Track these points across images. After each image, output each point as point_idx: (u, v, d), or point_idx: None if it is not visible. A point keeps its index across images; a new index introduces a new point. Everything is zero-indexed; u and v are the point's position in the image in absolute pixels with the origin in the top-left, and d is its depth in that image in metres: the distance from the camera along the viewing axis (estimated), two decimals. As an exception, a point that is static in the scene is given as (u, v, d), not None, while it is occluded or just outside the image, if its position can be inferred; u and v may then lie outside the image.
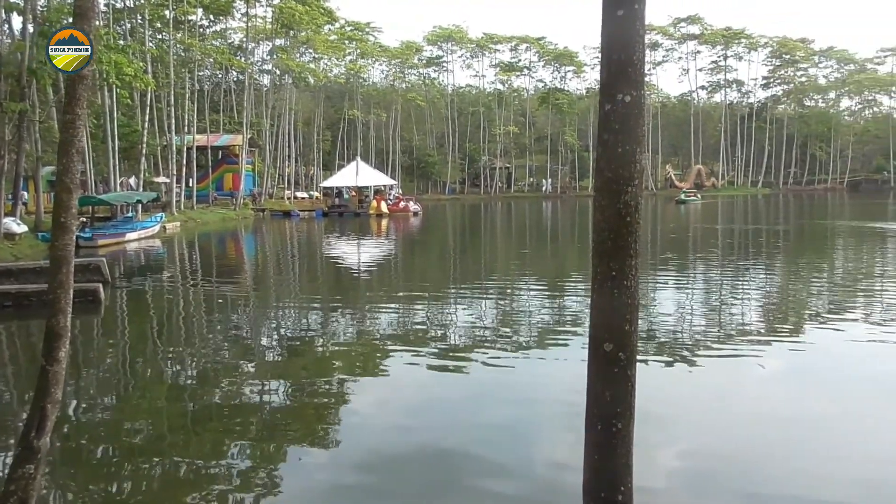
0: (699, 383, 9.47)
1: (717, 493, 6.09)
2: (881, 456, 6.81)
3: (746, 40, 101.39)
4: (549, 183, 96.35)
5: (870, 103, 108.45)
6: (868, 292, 16.97)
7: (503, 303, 16.20)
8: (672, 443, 7.16)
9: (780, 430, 7.52)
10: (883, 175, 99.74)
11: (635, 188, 4.04)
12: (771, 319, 13.80)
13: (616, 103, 4.02)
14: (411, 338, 12.40)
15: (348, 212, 54.21)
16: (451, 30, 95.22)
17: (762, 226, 41.76)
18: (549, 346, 11.43)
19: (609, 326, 4.09)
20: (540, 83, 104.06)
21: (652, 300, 15.78)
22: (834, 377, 9.60)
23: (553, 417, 7.93)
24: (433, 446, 7.16)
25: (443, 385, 9.51)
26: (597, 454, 4.15)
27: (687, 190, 78.90)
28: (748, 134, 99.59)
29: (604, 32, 4.07)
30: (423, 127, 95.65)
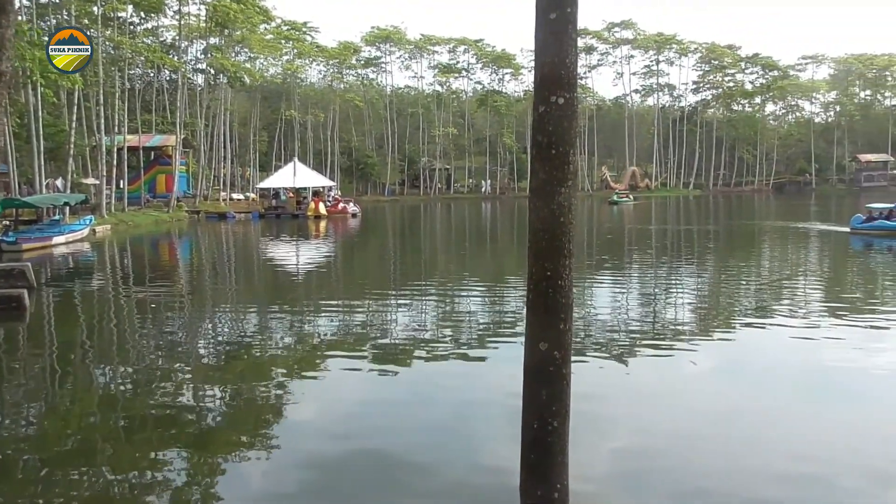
0: (633, 381, 9.67)
1: (652, 489, 6.22)
2: (807, 450, 7.05)
3: (677, 46, 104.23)
4: (488, 184, 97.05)
5: (792, 108, 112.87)
6: (792, 290, 17.66)
7: (442, 304, 16.24)
8: (607, 440, 7.30)
9: (711, 426, 7.75)
10: (805, 177, 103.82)
11: (569, 189, 4.11)
12: (702, 318, 14.22)
13: (550, 105, 4.08)
14: (351, 340, 12.32)
15: (286, 213, 53.45)
16: (389, 30, 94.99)
17: (693, 226, 42.98)
18: (488, 347, 11.52)
19: (544, 326, 4.14)
20: (478, 85, 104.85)
21: (587, 300, 16.07)
22: (762, 373, 9.93)
23: (492, 417, 7.99)
24: (373, 449, 7.12)
25: (383, 387, 9.47)
26: (533, 453, 4.20)
27: (619, 191, 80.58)
28: (680, 137, 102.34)
29: (537, 36, 4.13)
30: (361, 128, 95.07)
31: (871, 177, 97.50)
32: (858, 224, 30.37)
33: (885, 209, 30.26)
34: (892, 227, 28.44)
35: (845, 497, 6.00)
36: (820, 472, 6.49)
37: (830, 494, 6.04)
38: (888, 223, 28.87)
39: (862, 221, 30.36)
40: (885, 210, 30.10)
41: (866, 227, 29.74)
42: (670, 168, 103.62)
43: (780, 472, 6.48)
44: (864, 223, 30.15)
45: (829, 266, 22.94)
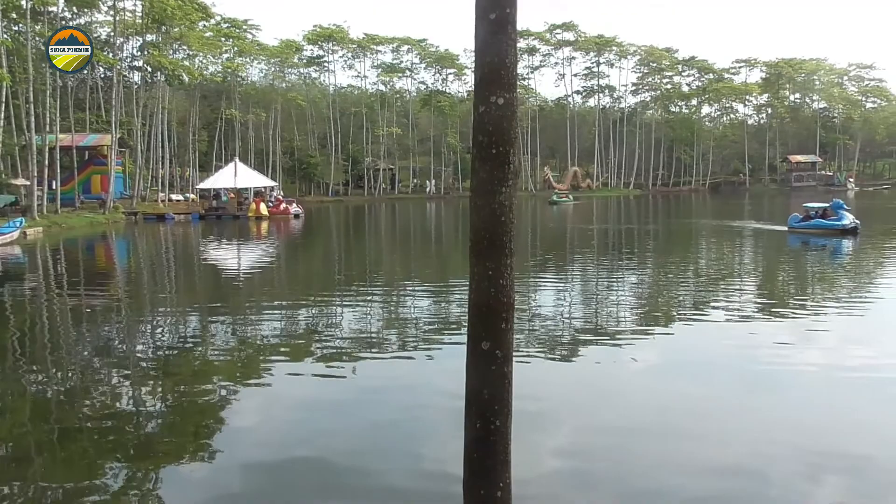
0: (576, 378, 9.81)
1: (595, 485, 6.32)
2: (745, 443, 7.24)
3: (617, 48, 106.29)
4: (432, 184, 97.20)
5: (727, 110, 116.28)
6: (730, 287, 18.20)
7: (387, 306, 16.20)
8: (551, 437, 7.39)
9: (652, 422, 7.90)
10: (739, 177, 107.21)
11: (510, 189, 4.14)
12: (642, 315, 14.52)
13: (490, 105, 4.10)
14: (294, 343, 12.17)
15: (227, 214, 52.52)
16: (332, 29, 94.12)
17: (633, 226, 43.88)
18: (432, 347, 11.52)
19: (486, 325, 4.16)
20: (422, 85, 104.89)
21: (531, 299, 16.24)
22: (701, 369, 10.18)
23: (437, 417, 8.00)
24: (317, 453, 7.05)
25: (327, 390, 9.38)
26: (475, 451, 4.22)
27: (559, 191, 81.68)
28: (620, 137, 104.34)
29: (477, 36, 4.14)
30: (304, 127, 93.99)
31: (801, 177, 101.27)
32: (796, 223, 31.31)
33: (820, 208, 31.34)
34: (827, 226, 29.48)
35: (781, 488, 6.20)
36: (757, 464, 6.67)
37: (766, 486, 6.22)
38: (824, 222, 29.91)
39: (799, 220, 31.28)
40: (819, 209, 31.20)
41: (803, 225, 30.73)
42: (611, 168, 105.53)
43: (720, 465, 6.65)
44: (800, 222, 31.10)
45: (766, 264, 23.70)
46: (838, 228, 28.95)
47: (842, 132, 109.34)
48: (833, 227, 29.20)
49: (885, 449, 7.06)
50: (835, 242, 27.12)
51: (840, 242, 27.08)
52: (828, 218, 30.14)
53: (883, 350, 11.07)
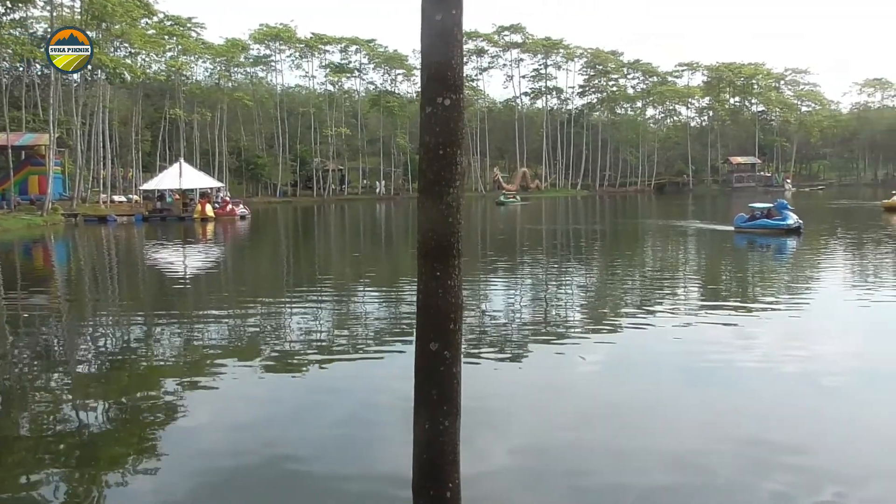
0: (525, 378, 9.87)
1: (545, 483, 6.37)
2: (692, 438, 7.40)
3: (564, 50, 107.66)
4: (382, 185, 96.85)
5: (670, 112, 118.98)
6: (677, 286, 18.61)
7: (336, 307, 16.07)
8: (501, 437, 7.43)
9: (601, 419, 8.02)
10: (683, 178, 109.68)
11: (457, 189, 4.15)
12: (591, 314, 14.73)
13: (436, 106, 4.11)
14: (243, 346, 11.98)
15: (171, 216, 51.41)
16: (279, 28, 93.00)
17: (581, 226, 44.49)
18: (382, 349, 11.48)
19: (434, 326, 4.17)
20: (371, 85, 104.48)
21: (480, 299, 16.32)
22: (647, 366, 10.36)
23: (386, 419, 7.97)
24: (266, 457, 6.94)
25: (277, 393, 9.26)
26: (425, 452, 4.22)
27: (507, 192, 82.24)
28: (568, 139, 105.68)
29: (423, 37, 4.15)
30: (251, 127, 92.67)
31: (742, 178, 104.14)
32: (742, 223, 31.94)
33: (765, 208, 32.17)
34: (772, 226, 30.29)
35: (727, 479, 6.36)
36: (704, 457, 6.82)
37: (714, 478, 6.38)
38: (769, 222, 30.71)
39: (745, 220, 31.91)
40: (764, 209, 32.04)
41: (749, 225, 31.41)
42: (559, 169, 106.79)
43: (669, 460, 6.77)
44: (747, 222, 31.76)
45: (712, 263, 24.24)
46: (783, 228, 29.80)
47: (779, 134, 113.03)
48: (778, 226, 30.03)
49: (824, 439, 7.31)
50: (779, 242, 27.93)
51: (784, 242, 27.90)
52: (772, 218, 30.94)
53: (820, 345, 11.45)
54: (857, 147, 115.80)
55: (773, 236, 29.34)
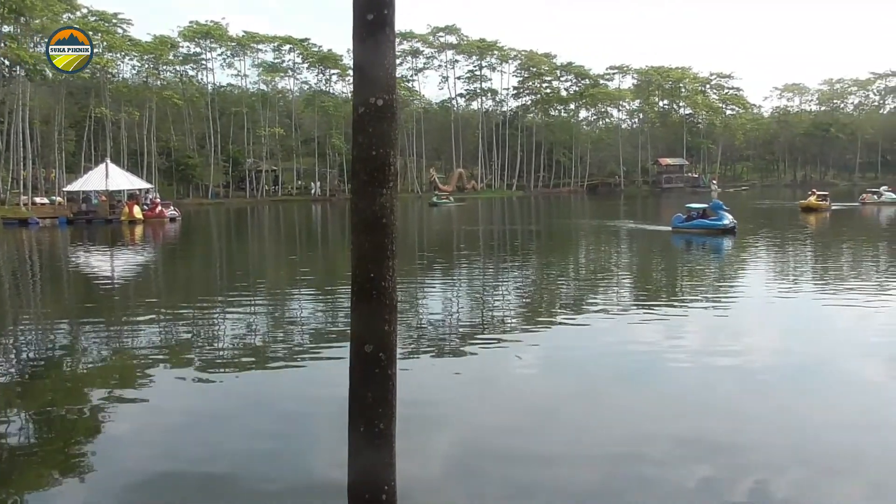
0: (461, 378, 9.91)
1: (483, 483, 6.39)
2: (623, 432, 7.58)
3: (499, 52, 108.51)
4: (317, 186, 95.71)
5: (602, 114, 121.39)
6: (609, 285, 19.00)
7: (270, 310, 15.83)
8: (437, 438, 7.44)
9: (538, 417, 8.12)
10: (615, 179, 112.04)
11: (391, 191, 4.13)
12: (527, 313, 14.91)
13: (369, 107, 4.08)
14: (175, 352, 11.65)
15: (98, 218, 49.66)
16: (209, 26, 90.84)
17: (517, 226, 44.96)
18: (318, 352, 11.36)
19: (369, 328, 4.14)
20: (305, 85, 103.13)
21: (417, 300, 16.32)
22: (582, 364, 10.55)
23: (323, 423, 7.88)
24: (200, 463, 6.78)
25: (212, 399, 9.05)
26: (360, 455, 4.19)
27: (439, 193, 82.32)
28: (503, 140, 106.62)
29: (355, 37, 4.11)
30: (181, 127, 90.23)
31: (671, 179, 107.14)
32: (679, 223, 32.72)
33: (700, 209, 33.10)
34: (709, 226, 31.19)
35: (659, 472, 6.53)
36: (636, 452, 6.99)
37: (646, 471, 6.54)
38: (706, 222, 31.60)
39: (682, 220, 32.69)
40: (700, 209, 32.95)
41: (686, 225, 32.21)
42: (495, 170, 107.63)
43: (603, 455, 6.93)
44: (684, 222, 32.54)
45: (648, 262, 24.81)
46: (719, 228, 30.73)
47: (705, 137, 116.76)
48: (714, 226, 30.95)
49: (748, 431, 7.58)
50: (715, 241, 28.80)
51: (720, 241, 28.80)
52: (708, 218, 31.84)
53: (746, 341, 11.87)
54: (778, 149, 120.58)
55: (709, 236, 30.22)
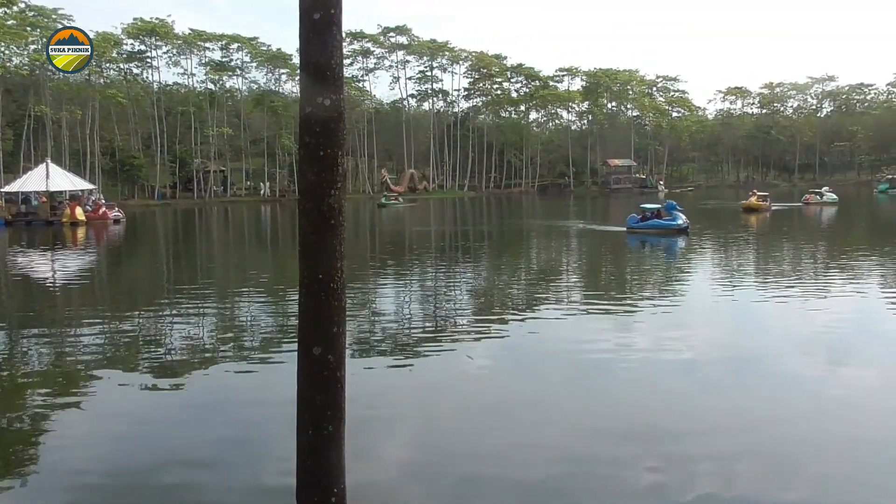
0: (413, 380, 9.91)
1: (434, 485, 6.39)
2: (574, 429, 7.68)
3: (449, 53, 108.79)
4: (267, 187, 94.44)
5: (552, 116, 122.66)
6: (559, 285, 19.19)
7: (219, 314, 15.56)
8: (388, 441, 7.41)
9: (490, 417, 8.15)
10: (565, 180, 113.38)
11: (339, 191, 4.10)
12: (478, 313, 14.97)
13: (316, 107, 4.05)
14: (120, 358, 11.35)
15: (38, 220, 48.16)
16: (155, 23, 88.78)
17: (469, 227, 45.10)
18: (268, 354, 11.23)
19: (317, 330, 4.10)
20: (254, 84, 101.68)
21: (369, 302, 16.24)
22: (533, 363, 10.66)
23: (271, 426, 7.77)
24: (148, 473, 6.60)
25: (160, 405, 8.85)
26: (309, 458, 4.14)
27: (388, 194, 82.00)
28: (454, 141, 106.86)
29: (301, 36, 4.07)
30: (126, 127, 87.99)
31: (619, 179, 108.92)
32: (634, 223, 33.05)
33: (654, 209, 33.59)
34: (663, 226, 31.68)
35: (609, 465, 6.65)
36: (587, 450, 7.10)
37: (595, 468, 6.65)
38: (660, 222, 32.08)
39: (637, 221, 33.04)
40: (654, 210, 33.46)
41: (641, 225, 32.57)
42: (446, 171, 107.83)
43: (554, 454, 6.97)
44: (638, 222, 32.91)
45: (600, 262, 25.11)
46: (673, 228, 31.27)
47: (652, 138, 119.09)
48: (669, 226, 31.47)
49: (694, 424, 7.77)
50: (670, 241, 29.31)
51: (675, 241, 29.32)
52: (662, 218, 32.35)
53: (695, 338, 12.13)
54: (722, 151, 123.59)
55: (664, 236, 30.73)
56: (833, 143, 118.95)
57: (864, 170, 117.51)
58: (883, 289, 17.52)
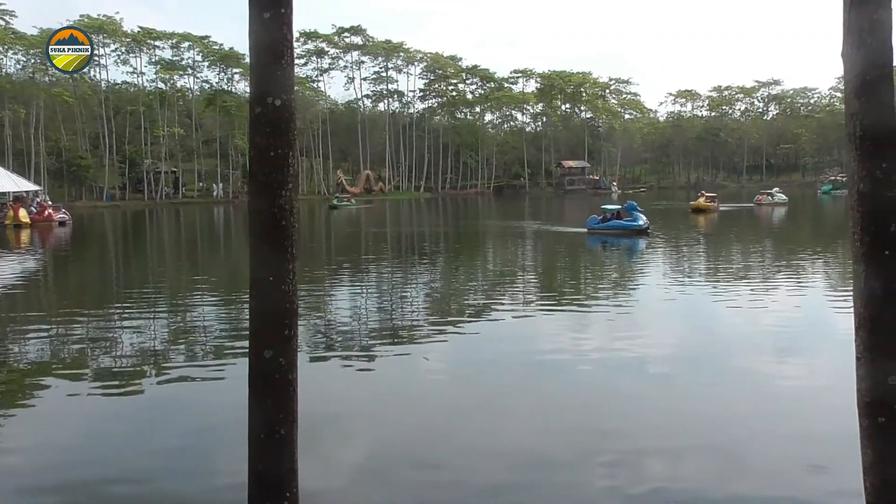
0: (368, 382, 9.86)
1: (389, 488, 6.35)
2: (532, 430, 7.71)
3: (405, 54, 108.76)
4: (220, 188, 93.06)
5: (507, 118, 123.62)
6: (515, 286, 19.31)
7: (169, 318, 15.26)
8: (344, 444, 7.36)
9: (447, 419, 8.16)
10: (520, 181, 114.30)
11: (290, 192, 4.05)
12: (434, 315, 14.96)
13: (266, 106, 3.99)
14: (67, 365, 11.01)
15: (-21, 223, 46.62)
16: (102, 20, 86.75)
17: (426, 228, 45.11)
18: (221, 359, 11.05)
19: (268, 332, 4.05)
20: (206, 84, 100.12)
21: (324, 304, 16.12)
22: (489, 364, 10.66)
23: (224, 432, 7.64)
24: (98, 486, 6.39)
25: (109, 414, 8.62)
26: (261, 464, 4.08)
27: (340, 195, 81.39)
28: (410, 142, 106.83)
29: (251, 35, 4.02)
30: (73, 126, 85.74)
31: (573, 181, 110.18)
32: (595, 224, 33.31)
33: (615, 210, 33.96)
34: (624, 227, 32.04)
35: (565, 467, 6.70)
36: (543, 451, 7.14)
37: (550, 466, 6.69)
38: (621, 223, 32.42)
39: (598, 222, 33.30)
40: (614, 211, 33.83)
41: (602, 226, 32.86)
42: (402, 172, 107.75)
43: (511, 456, 6.99)
44: (599, 223, 33.18)
45: (555, 264, 25.23)
46: (634, 229, 31.65)
47: (606, 140, 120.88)
48: (630, 227, 31.84)
49: (648, 422, 7.89)
50: (631, 242, 29.65)
51: (636, 241, 29.68)
52: (623, 219, 32.72)
53: (649, 337, 12.31)
54: (673, 152, 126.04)
55: (625, 237, 31.09)
56: (779, 146, 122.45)
57: (808, 171, 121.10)
58: (827, 288, 18.05)
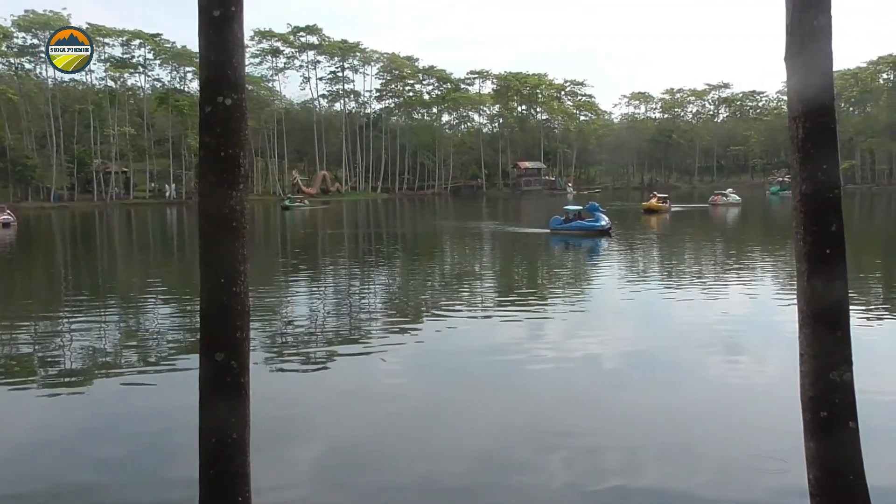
0: (324, 385, 9.80)
1: (343, 491, 6.30)
2: (487, 431, 7.73)
3: (361, 54, 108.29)
4: (173, 188, 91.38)
5: (464, 119, 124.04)
6: (471, 286, 19.36)
7: (119, 322, 14.97)
8: (299, 447, 7.29)
9: (405, 421, 8.14)
10: (477, 182, 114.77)
11: (241, 193, 4.00)
12: (392, 316, 14.91)
13: (216, 106, 3.93)
14: (12, 371, 10.69)
15: (-83, 225, 44.97)
16: (49, 16, 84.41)
17: (383, 229, 44.97)
18: (172, 362, 10.88)
19: (220, 335, 3.98)
20: (158, 82, 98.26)
21: (280, 306, 15.95)
22: (447, 365, 10.69)
23: (175, 435, 7.52)
24: (43, 498, 6.20)
25: (56, 418, 8.40)
26: (212, 468, 4.02)
27: (292, 196, 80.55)
28: (367, 142, 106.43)
29: (201, 33, 3.95)
30: (17, 125, 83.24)
31: (529, 181, 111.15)
32: (558, 225, 33.56)
33: (576, 210, 34.24)
34: (587, 227, 32.33)
35: (522, 465, 6.75)
36: (501, 447, 7.21)
37: (511, 467, 6.74)
38: (584, 223, 32.70)
39: (560, 223, 33.56)
40: (576, 211, 34.11)
41: (565, 227, 33.14)
42: (359, 172, 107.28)
43: (470, 456, 7.03)
44: (562, 224, 33.43)
45: (521, 264, 25.35)
46: (596, 229, 31.96)
47: (561, 141, 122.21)
48: (592, 227, 32.14)
49: (603, 419, 8.02)
50: (593, 242, 29.92)
51: (598, 242, 29.95)
52: (585, 219, 33.02)
53: (605, 336, 12.48)
54: (627, 154, 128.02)
55: (588, 237, 31.38)
56: (729, 147, 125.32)
57: (757, 172, 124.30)
58: (775, 286, 18.51)
